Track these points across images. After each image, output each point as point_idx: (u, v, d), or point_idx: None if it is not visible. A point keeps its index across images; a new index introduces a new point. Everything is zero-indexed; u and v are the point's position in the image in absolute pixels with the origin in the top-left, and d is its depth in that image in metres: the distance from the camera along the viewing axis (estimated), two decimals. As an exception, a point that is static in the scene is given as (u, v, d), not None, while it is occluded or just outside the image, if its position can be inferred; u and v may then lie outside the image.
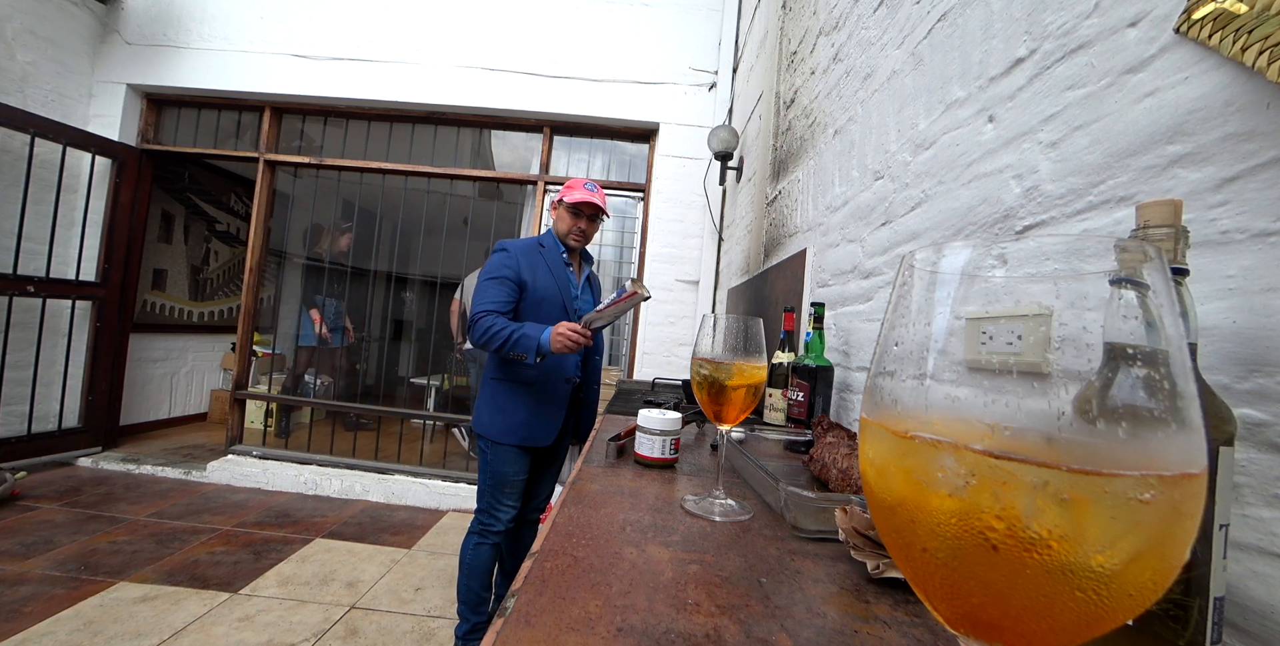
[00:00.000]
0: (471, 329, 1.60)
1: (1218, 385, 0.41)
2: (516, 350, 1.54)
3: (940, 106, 0.90)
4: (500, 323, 1.56)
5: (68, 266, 3.34)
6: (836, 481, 0.69)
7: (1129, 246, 0.18)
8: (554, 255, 1.76)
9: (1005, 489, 0.18)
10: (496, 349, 1.56)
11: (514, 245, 1.71)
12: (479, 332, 1.58)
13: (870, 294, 1.12)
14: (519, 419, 1.67)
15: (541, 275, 1.71)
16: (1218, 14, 0.43)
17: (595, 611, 0.38)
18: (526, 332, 1.53)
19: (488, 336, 1.55)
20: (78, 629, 1.72)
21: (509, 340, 1.54)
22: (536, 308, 1.68)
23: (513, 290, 1.66)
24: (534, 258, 1.72)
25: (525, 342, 1.53)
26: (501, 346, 1.55)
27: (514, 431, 1.66)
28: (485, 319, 1.58)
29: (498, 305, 1.61)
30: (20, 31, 3.11)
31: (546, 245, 1.77)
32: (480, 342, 1.58)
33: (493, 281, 1.64)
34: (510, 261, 1.67)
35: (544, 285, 1.70)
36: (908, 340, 0.22)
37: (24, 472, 2.94)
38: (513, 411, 1.68)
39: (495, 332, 1.54)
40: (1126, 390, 0.18)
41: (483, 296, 1.63)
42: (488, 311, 1.59)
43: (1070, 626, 0.18)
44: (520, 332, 1.54)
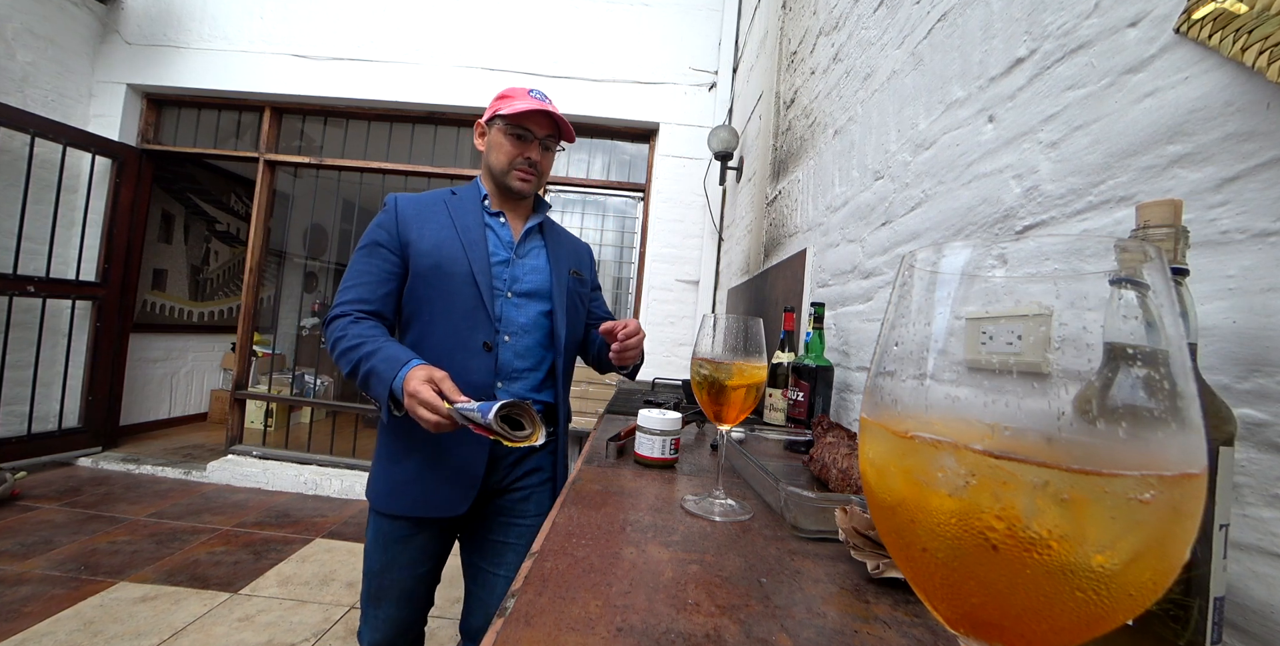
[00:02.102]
0: (325, 330, 1.04)
1: (1218, 385, 0.41)
2: (365, 390, 0.96)
3: (940, 106, 0.90)
4: (348, 334, 0.97)
5: (68, 266, 3.34)
6: (836, 481, 0.69)
7: (1129, 246, 0.18)
8: (466, 201, 1.12)
9: (1005, 489, 0.18)
10: (344, 372, 0.98)
11: (403, 197, 1.10)
12: (329, 347, 1.01)
13: (870, 294, 1.12)
14: (410, 471, 1.01)
15: (432, 230, 1.05)
16: (1218, 14, 0.43)
17: (595, 611, 0.38)
18: (376, 367, 0.92)
19: (336, 357, 0.98)
20: (78, 629, 1.72)
21: (357, 371, 0.94)
22: (435, 285, 1.04)
23: (387, 268, 1.03)
24: (429, 208, 1.09)
25: (375, 383, 0.92)
26: (353, 378, 0.96)
27: (401, 492, 1.01)
28: (333, 325, 1.00)
29: (355, 298, 1.01)
30: (20, 31, 3.11)
31: (460, 192, 1.14)
32: (332, 356, 1.00)
33: (359, 254, 1.05)
34: (387, 220, 1.05)
35: (436, 245, 1.04)
36: (908, 340, 0.22)
37: (24, 472, 2.94)
38: (403, 458, 1.02)
39: (340, 352, 0.97)
40: (1126, 390, 0.18)
41: (342, 281, 1.05)
42: (339, 313, 1.01)
43: (1070, 626, 0.18)
44: (370, 363, 0.93)
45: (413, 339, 1.06)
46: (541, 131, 1.09)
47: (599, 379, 3.00)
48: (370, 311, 1.02)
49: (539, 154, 1.11)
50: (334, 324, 1.00)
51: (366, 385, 0.93)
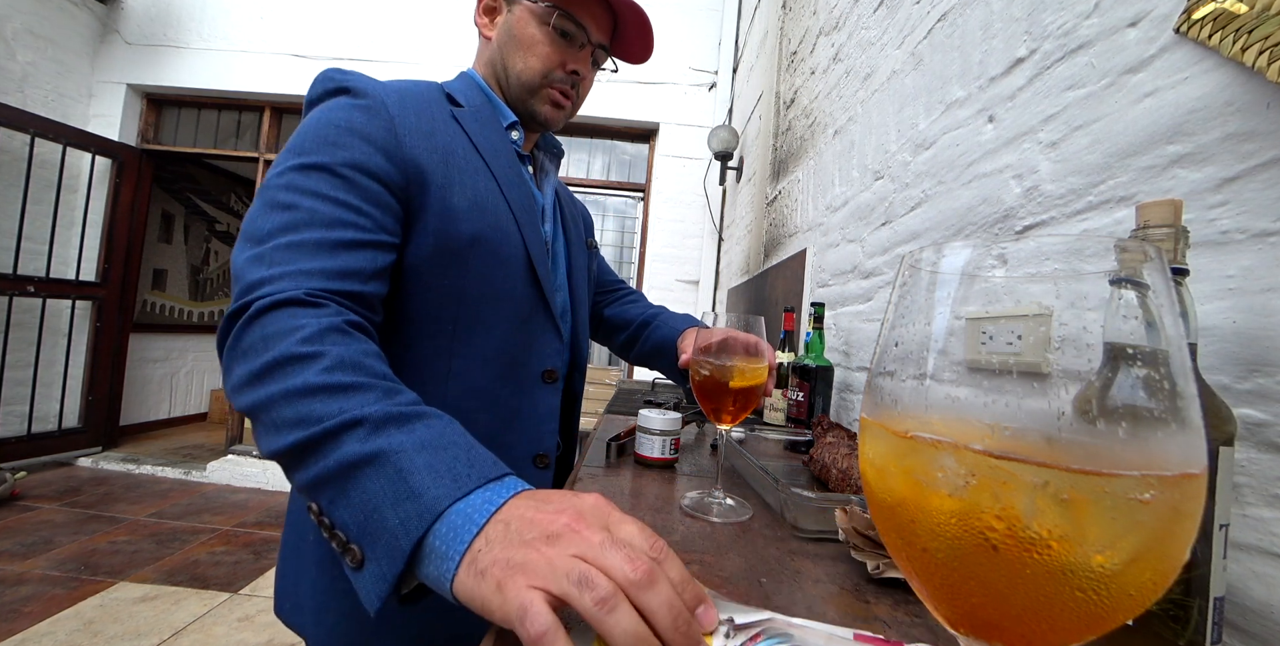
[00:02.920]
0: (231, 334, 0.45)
1: (1218, 385, 0.41)
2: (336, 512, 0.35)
3: (940, 106, 0.90)
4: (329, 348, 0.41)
5: (68, 266, 3.34)
6: (836, 481, 0.69)
7: (1129, 246, 0.18)
8: (490, 127, 0.69)
9: (1005, 489, 0.18)
10: (278, 449, 0.38)
11: (369, 77, 0.62)
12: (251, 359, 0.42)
13: (870, 294, 1.12)
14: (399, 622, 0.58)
15: (468, 168, 0.64)
16: (1218, 14, 0.43)
17: (595, 611, 0.38)
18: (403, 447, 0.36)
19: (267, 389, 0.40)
20: (78, 629, 1.72)
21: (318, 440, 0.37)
22: (474, 273, 0.62)
23: (390, 219, 0.57)
24: (439, 121, 0.64)
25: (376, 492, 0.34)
26: (295, 449, 0.37)
27: (405, 631, 0.59)
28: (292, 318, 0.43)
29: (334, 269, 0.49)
30: (20, 31, 3.11)
31: (470, 104, 0.69)
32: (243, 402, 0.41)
33: (305, 174, 0.52)
34: (374, 125, 0.57)
35: (475, 202, 0.63)
36: (908, 340, 0.22)
37: (24, 472, 2.94)
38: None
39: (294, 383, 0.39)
40: (1126, 390, 0.18)
41: (268, 230, 0.49)
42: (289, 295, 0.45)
43: (1070, 626, 0.18)
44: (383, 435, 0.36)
45: (406, 373, 0.58)
46: (599, 32, 0.70)
47: (599, 379, 3.00)
48: (365, 296, 0.51)
49: (587, 67, 0.72)
50: (278, 314, 0.43)
51: (350, 488, 0.35)
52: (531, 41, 0.69)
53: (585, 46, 0.71)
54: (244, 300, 0.45)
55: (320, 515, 0.37)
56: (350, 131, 0.56)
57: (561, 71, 0.70)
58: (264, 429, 0.40)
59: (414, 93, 0.65)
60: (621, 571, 0.28)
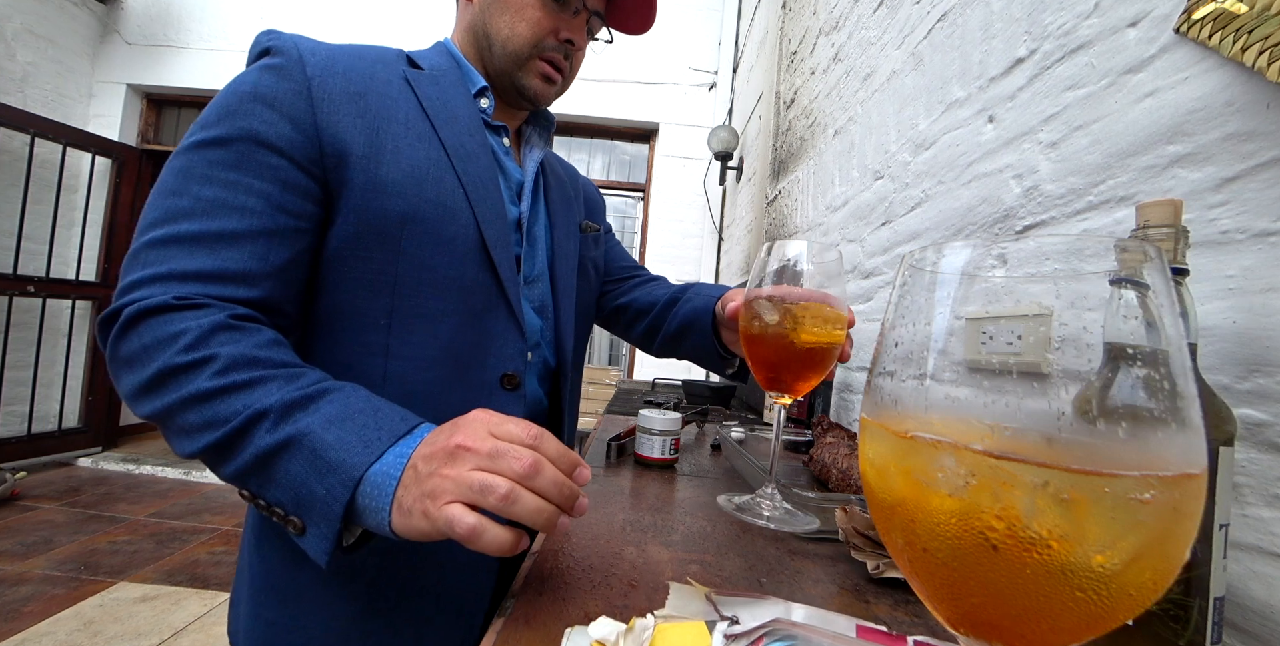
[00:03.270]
0: (108, 343, 0.43)
1: (1218, 385, 0.41)
2: (267, 493, 0.39)
3: (940, 106, 0.90)
4: (220, 350, 0.40)
5: (68, 266, 3.34)
6: (836, 481, 0.70)
7: (1129, 246, 0.18)
8: (452, 91, 0.60)
9: (1005, 489, 0.18)
10: (195, 451, 0.39)
11: (310, 45, 0.54)
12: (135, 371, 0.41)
13: (870, 294, 1.12)
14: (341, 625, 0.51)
15: (409, 134, 0.55)
16: (1218, 14, 0.43)
17: (595, 611, 0.38)
18: (309, 429, 0.38)
19: (162, 400, 0.40)
20: (78, 629, 1.72)
21: (230, 438, 0.38)
22: (409, 258, 0.53)
23: (292, 202, 0.49)
24: (380, 81, 0.55)
25: (295, 472, 0.37)
26: (212, 449, 0.39)
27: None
28: (168, 324, 0.41)
29: (211, 270, 0.44)
30: (20, 31, 3.11)
31: (433, 68, 0.61)
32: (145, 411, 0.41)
33: (199, 152, 0.46)
34: (282, 89, 0.49)
35: (411, 173, 0.53)
36: (908, 340, 0.22)
37: (24, 472, 2.94)
38: (317, 601, 0.52)
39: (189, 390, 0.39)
40: (1126, 390, 0.18)
41: (154, 219, 0.45)
42: (166, 300, 0.41)
43: (1070, 626, 0.18)
44: (290, 422, 0.38)
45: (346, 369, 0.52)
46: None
47: (599, 378, 3.00)
48: (253, 301, 0.46)
49: (582, 36, 0.64)
50: (151, 323, 0.41)
51: (274, 473, 0.38)
52: (520, 4, 0.60)
53: (580, 13, 0.63)
54: (115, 305, 0.43)
55: (254, 498, 0.40)
56: (254, 98, 0.48)
57: (553, 40, 0.62)
58: (173, 434, 0.41)
59: (352, 52, 0.56)
60: (511, 469, 0.34)
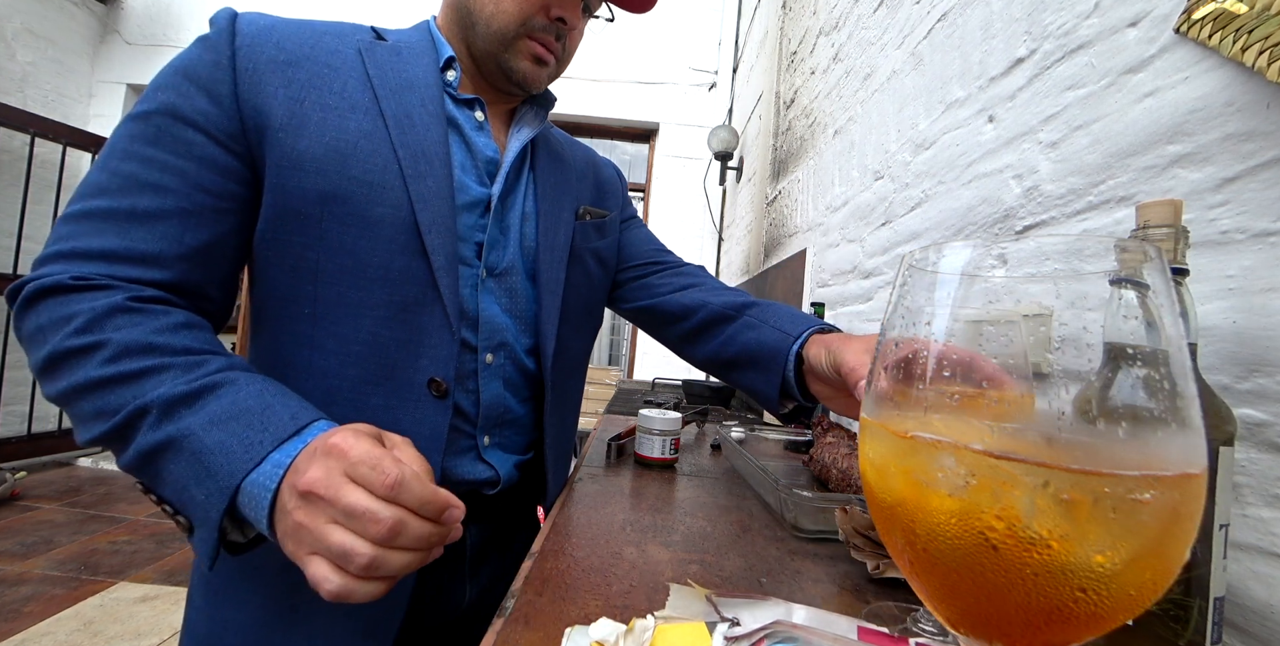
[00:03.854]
0: (13, 318, 0.43)
1: (1218, 385, 0.41)
2: (156, 490, 0.38)
3: (940, 106, 0.90)
4: (110, 340, 0.38)
5: (68, 266, 3.34)
6: (836, 481, 0.69)
7: (1129, 246, 0.18)
8: (408, 60, 0.55)
9: (1005, 489, 0.18)
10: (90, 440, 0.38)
11: (252, 18, 0.50)
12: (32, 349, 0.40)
13: (870, 294, 1.12)
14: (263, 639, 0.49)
15: (325, 111, 0.49)
16: (1218, 14, 0.43)
17: (595, 611, 0.38)
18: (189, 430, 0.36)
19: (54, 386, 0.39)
20: (78, 629, 1.72)
21: (115, 431, 0.37)
22: (328, 241, 0.48)
23: (208, 180, 0.46)
24: (316, 56, 0.51)
25: (175, 474, 0.36)
26: (102, 440, 0.38)
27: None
28: (64, 304, 0.39)
29: (121, 249, 0.42)
30: (20, 31, 3.11)
31: (393, 36, 0.58)
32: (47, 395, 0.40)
33: (124, 128, 0.45)
34: (208, 62, 0.46)
35: (334, 147, 0.48)
36: (908, 340, 0.22)
37: (24, 473, 2.94)
38: (240, 613, 0.50)
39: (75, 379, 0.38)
40: (1126, 390, 0.18)
41: (77, 193, 0.44)
42: (72, 280, 0.40)
43: (1070, 626, 0.18)
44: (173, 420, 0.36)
45: (265, 365, 0.51)
46: None
47: (599, 378, 3.00)
48: (164, 283, 0.44)
49: (576, 13, 0.57)
50: (49, 303, 0.40)
51: (158, 471, 0.37)
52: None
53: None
54: (19, 281, 0.41)
55: (147, 492, 0.40)
56: (179, 71, 0.46)
57: (544, 17, 0.55)
58: (72, 420, 0.40)
59: (301, 25, 0.52)
60: (369, 534, 0.31)
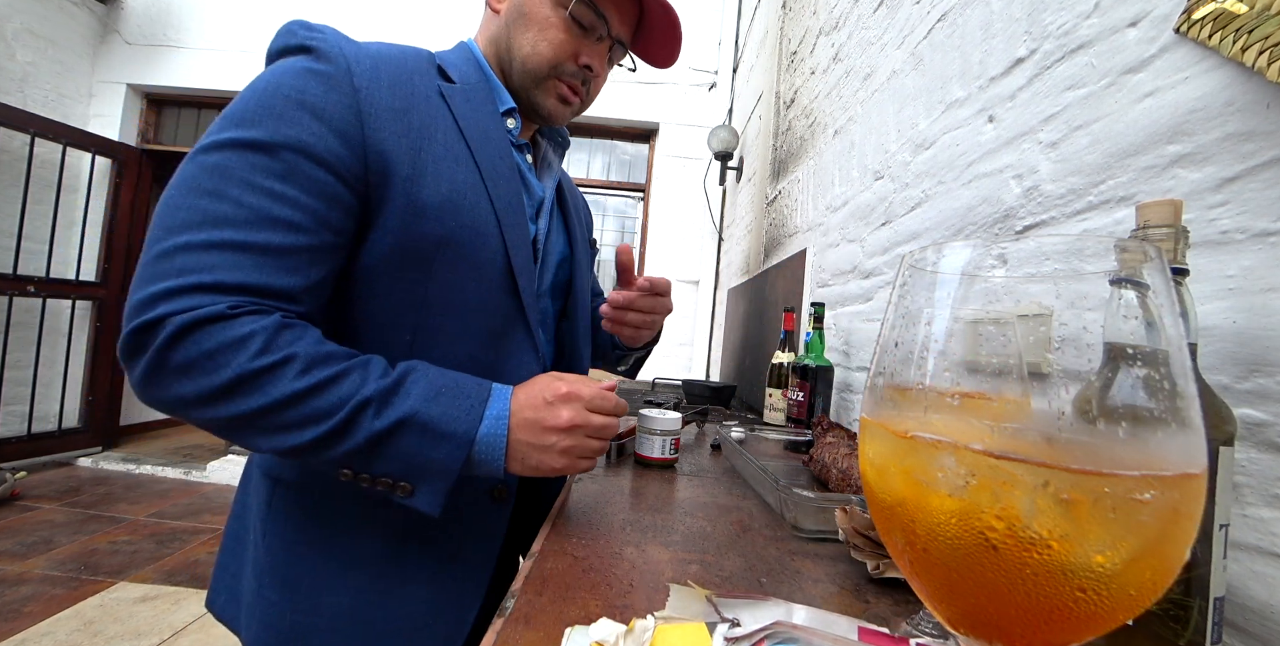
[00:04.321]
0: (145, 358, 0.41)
1: (1218, 385, 0.41)
2: (379, 468, 0.45)
3: (940, 106, 0.90)
4: (294, 350, 0.43)
5: (68, 266, 3.34)
6: (836, 481, 0.69)
7: (1129, 246, 0.18)
8: (482, 110, 0.60)
9: (1005, 488, 0.18)
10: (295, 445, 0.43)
11: (340, 37, 0.53)
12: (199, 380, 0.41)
13: (870, 294, 1.12)
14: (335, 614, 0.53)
15: (447, 156, 0.54)
16: (1218, 14, 0.43)
17: (595, 611, 0.38)
18: (421, 414, 0.45)
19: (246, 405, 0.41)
20: (78, 629, 1.72)
21: (339, 429, 0.43)
22: (417, 277, 0.53)
23: (320, 201, 0.47)
24: (419, 97, 0.55)
25: (412, 446, 0.44)
26: (319, 442, 0.43)
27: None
28: (228, 330, 0.41)
29: (252, 263, 0.43)
30: (20, 31, 3.11)
31: (464, 81, 0.60)
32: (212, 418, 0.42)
33: (238, 153, 0.44)
34: (331, 81, 0.49)
35: (450, 197, 0.53)
36: (908, 340, 0.22)
37: (24, 472, 2.94)
38: (316, 589, 0.54)
39: (280, 393, 0.41)
40: (1126, 390, 0.18)
41: (185, 219, 0.42)
42: (217, 288, 0.42)
43: (1070, 626, 0.18)
44: (394, 407, 0.44)
45: None
46: (622, 25, 0.63)
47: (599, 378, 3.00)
48: (294, 313, 0.46)
49: (604, 60, 0.64)
50: (215, 329, 0.41)
51: (386, 450, 0.44)
52: (545, 24, 0.60)
53: (604, 40, 0.63)
54: (155, 314, 0.40)
55: (356, 475, 0.46)
56: (301, 105, 0.47)
57: (573, 63, 0.62)
58: (260, 433, 0.43)
59: (393, 60, 0.54)
60: (608, 437, 0.52)
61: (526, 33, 0.61)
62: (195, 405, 0.42)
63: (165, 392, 0.42)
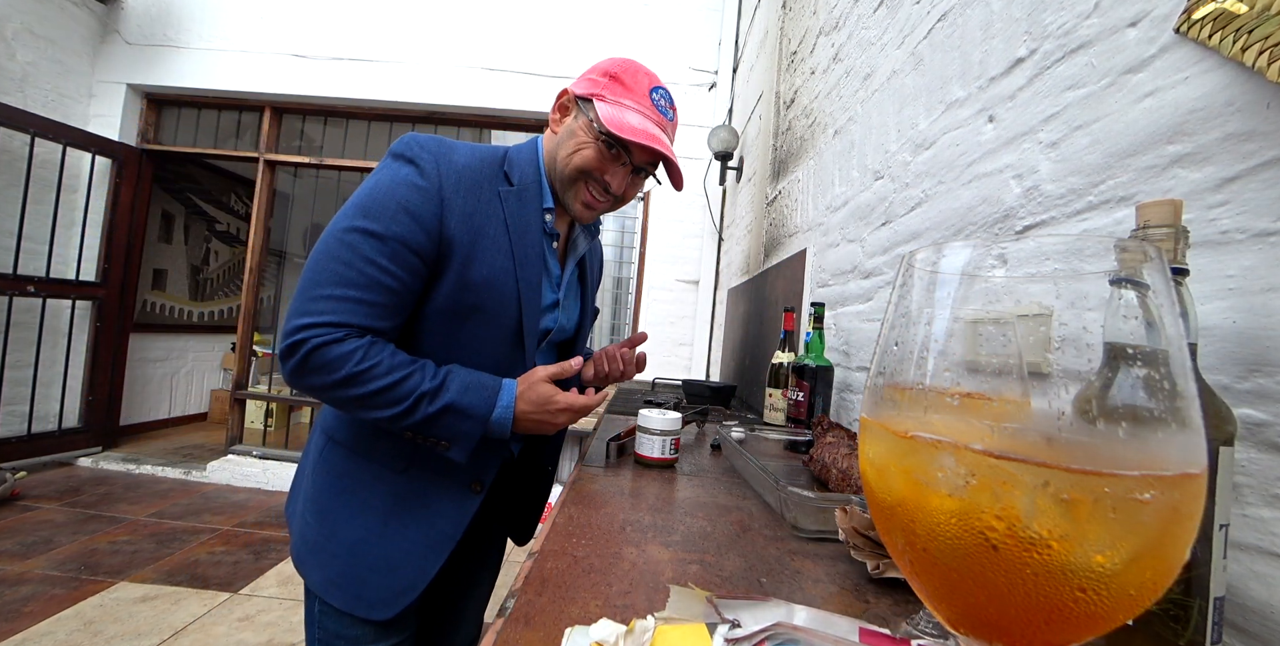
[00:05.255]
0: (293, 361, 0.66)
1: (1218, 385, 0.41)
2: (430, 432, 0.70)
3: (940, 106, 0.90)
4: (379, 359, 0.67)
5: (68, 266, 3.34)
6: (836, 481, 0.69)
7: (1129, 246, 0.18)
8: (527, 205, 0.79)
9: (1005, 488, 0.18)
10: (381, 417, 0.68)
11: (446, 162, 0.73)
12: (324, 376, 0.66)
13: (870, 294, 1.12)
14: (346, 542, 0.74)
15: (488, 250, 0.75)
16: (1218, 14, 0.43)
17: (595, 611, 0.38)
18: (458, 403, 0.69)
19: (352, 392, 0.67)
20: (78, 629, 1.72)
21: (408, 409, 0.68)
22: (462, 331, 0.76)
23: (413, 284, 0.71)
24: (483, 205, 0.75)
25: (451, 422, 0.70)
26: (395, 416, 0.68)
27: (341, 580, 0.74)
28: (341, 348, 0.66)
29: (364, 312, 0.68)
30: (20, 31, 3.11)
31: (518, 178, 0.79)
32: (332, 397, 0.69)
33: (363, 238, 0.68)
34: (426, 194, 0.71)
35: (488, 278, 0.75)
36: (908, 340, 0.22)
37: (24, 472, 2.94)
38: (338, 521, 0.75)
39: (372, 386, 0.66)
40: (1126, 390, 0.18)
41: (326, 277, 0.67)
42: (339, 325, 0.66)
43: (1070, 626, 0.18)
44: (440, 398, 0.69)
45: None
46: (642, 158, 0.79)
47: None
48: (377, 330, 0.69)
49: (623, 182, 0.80)
50: (343, 344, 0.65)
51: (429, 423, 0.68)
52: (580, 145, 0.78)
53: (626, 165, 0.79)
54: (302, 336, 0.65)
55: (415, 435, 0.71)
56: (406, 210, 0.69)
57: (597, 174, 0.79)
58: (361, 408, 0.68)
59: (472, 171, 0.75)
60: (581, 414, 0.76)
61: (569, 146, 0.79)
62: (321, 391, 0.67)
63: (305, 381, 0.67)
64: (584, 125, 0.78)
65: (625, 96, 0.78)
